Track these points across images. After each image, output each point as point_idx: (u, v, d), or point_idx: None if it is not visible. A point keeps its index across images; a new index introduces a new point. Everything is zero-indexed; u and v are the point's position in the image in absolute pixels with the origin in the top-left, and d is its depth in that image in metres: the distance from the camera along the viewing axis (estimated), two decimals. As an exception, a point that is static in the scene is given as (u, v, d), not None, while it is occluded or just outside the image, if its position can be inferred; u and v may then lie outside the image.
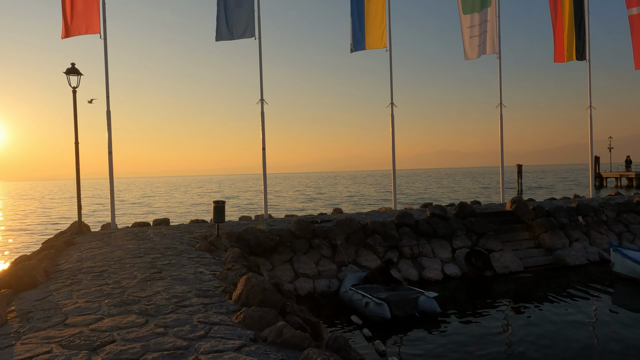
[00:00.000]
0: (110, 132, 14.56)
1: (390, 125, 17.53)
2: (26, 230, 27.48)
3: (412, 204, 32.42)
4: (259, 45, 16.10)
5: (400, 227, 14.42)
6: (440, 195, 49.03)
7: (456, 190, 57.12)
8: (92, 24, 14.60)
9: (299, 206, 39.29)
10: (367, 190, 63.94)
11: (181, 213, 36.93)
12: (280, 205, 40.91)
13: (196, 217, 31.62)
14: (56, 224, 32.32)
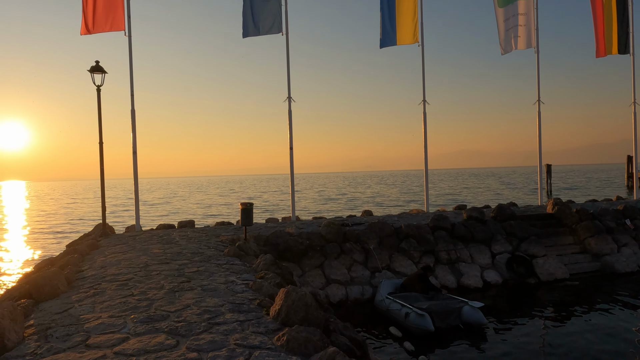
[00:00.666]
0: (134, 131, 14.18)
1: (423, 123, 16.78)
2: (51, 232, 27.51)
3: (443, 205, 31.49)
4: (286, 41, 15.54)
5: (435, 230, 13.67)
6: (467, 196, 47.78)
7: (482, 191, 55.72)
8: (116, 21, 14.24)
9: (321, 208, 38.66)
10: (389, 191, 62.96)
11: (205, 214, 36.70)
12: (303, 207, 40.36)
13: (220, 218, 31.31)
14: (81, 225, 32.40)
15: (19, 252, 20.16)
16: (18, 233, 27.44)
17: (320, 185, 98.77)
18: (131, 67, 14.22)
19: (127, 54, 14.22)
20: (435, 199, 44.42)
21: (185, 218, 31.81)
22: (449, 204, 35.96)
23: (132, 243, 11.10)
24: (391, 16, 17.10)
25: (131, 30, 14.28)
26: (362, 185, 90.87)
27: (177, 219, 31.71)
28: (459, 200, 41.40)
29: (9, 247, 21.51)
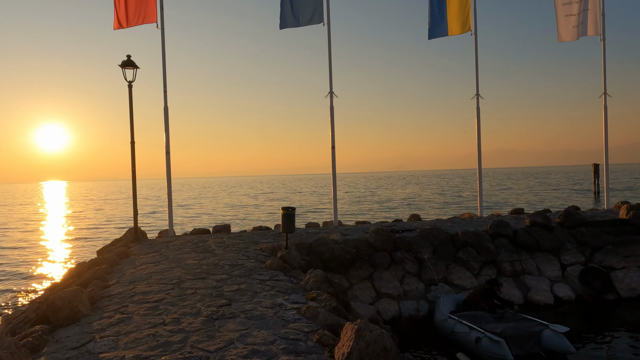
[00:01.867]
0: (167, 130, 13.32)
1: (476, 118, 15.34)
2: (84, 236, 27.22)
3: (494, 208, 29.65)
4: (328, 32, 14.41)
5: (495, 238, 12.25)
6: (511, 198, 45.52)
7: (524, 192, 53.18)
8: (149, 12, 13.43)
9: (356, 209, 37.37)
10: (424, 192, 61.03)
11: (238, 216, 35.97)
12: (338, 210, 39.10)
13: (252, 220, 30.48)
14: (115, 225, 32.15)
15: (50, 258, 19.70)
16: (52, 236, 27.29)
17: (351, 185, 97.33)
18: (164, 61, 13.38)
19: (159, 47, 13.37)
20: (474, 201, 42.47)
21: (220, 221, 31.16)
22: (493, 206, 34.09)
23: (164, 251, 10.17)
24: (441, 4, 15.74)
25: (164, 22, 13.43)
26: (393, 185, 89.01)
27: (211, 222, 31.07)
28: (501, 203, 39.36)
29: (40, 252, 21.13)
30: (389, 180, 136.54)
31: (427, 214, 30.91)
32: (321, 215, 33.27)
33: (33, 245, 23.59)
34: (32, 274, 16.25)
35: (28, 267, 17.62)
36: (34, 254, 20.66)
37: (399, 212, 32.50)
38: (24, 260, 19.21)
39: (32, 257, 19.84)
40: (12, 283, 14.88)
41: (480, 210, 15.53)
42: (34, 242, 24.83)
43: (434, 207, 36.23)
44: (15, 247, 22.83)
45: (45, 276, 15.67)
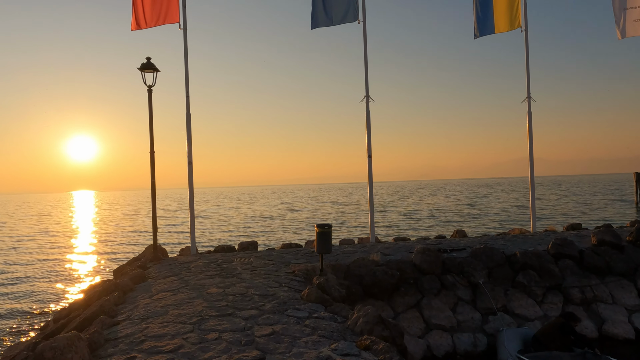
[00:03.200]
0: (190, 138, 12.25)
1: (527, 123, 13.85)
2: (105, 249, 26.41)
3: (548, 221, 27.62)
4: (363, 30, 13.19)
5: (559, 259, 10.71)
6: (546, 209, 43.27)
7: (562, 204, 50.70)
8: (170, 12, 12.46)
9: (389, 222, 35.84)
10: (453, 203, 58.93)
11: (265, 230, 34.83)
12: (360, 222, 37.68)
13: (278, 234, 29.30)
14: (136, 237, 31.42)
15: (67, 274, 18.75)
16: (74, 249, 26.61)
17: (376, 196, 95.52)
18: (186, 64, 12.35)
19: (181, 49, 12.36)
20: (506, 213, 40.48)
21: (244, 234, 30.09)
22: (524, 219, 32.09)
23: (185, 274, 9.00)
24: (487, 2, 14.38)
25: (186, 22, 12.44)
26: (420, 195, 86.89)
27: (235, 234, 30.02)
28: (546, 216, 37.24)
29: (58, 267, 20.18)
30: (415, 189, 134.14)
31: (467, 227, 29.24)
32: (350, 228, 31.87)
33: (53, 258, 22.88)
34: (46, 291, 15.34)
35: (43, 283, 16.75)
36: (53, 267, 19.88)
37: (434, 225, 30.89)
38: (41, 275, 18.41)
39: (50, 272, 19.04)
40: (22, 303, 13.93)
41: (534, 225, 13.95)
42: (54, 254, 24.16)
43: (470, 220, 34.44)
44: (33, 261, 22.14)
45: (58, 295, 14.63)
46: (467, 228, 28.22)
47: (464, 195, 76.67)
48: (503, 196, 68.48)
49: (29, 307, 13.38)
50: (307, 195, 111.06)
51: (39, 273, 18.95)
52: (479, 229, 27.51)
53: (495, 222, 31.01)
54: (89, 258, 22.55)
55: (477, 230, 26.84)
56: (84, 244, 28.28)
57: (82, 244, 28.62)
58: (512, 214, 37.29)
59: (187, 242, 14.75)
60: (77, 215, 62.69)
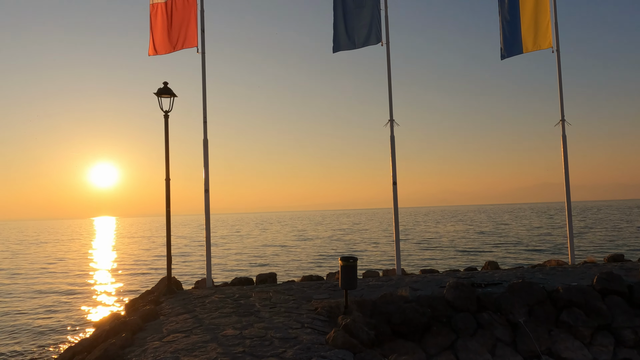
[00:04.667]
0: (207, 165, 11.78)
1: (562, 146, 13.07)
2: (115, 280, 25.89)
3: (580, 251, 26.19)
4: (386, 52, 12.71)
5: (605, 295, 9.77)
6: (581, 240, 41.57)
7: (596, 231, 48.86)
8: (189, 36, 12.20)
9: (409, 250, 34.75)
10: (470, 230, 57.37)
11: (283, 260, 34.07)
12: (385, 254, 36.66)
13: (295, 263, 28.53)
14: (152, 265, 30.96)
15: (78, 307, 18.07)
16: (88, 278, 26.18)
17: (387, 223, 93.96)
18: (204, 89, 11.99)
19: (199, 73, 12.02)
20: (533, 243, 39.01)
21: (261, 263, 29.38)
22: (555, 249, 30.75)
23: (199, 312, 8.35)
24: (514, 20, 13.86)
25: (205, 46, 12.14)
26: (441, 222, 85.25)
27: (252, 263, 29.34)
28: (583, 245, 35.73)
29: (62, 302, 19.40)
30: (433, 215, 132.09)
31: (490, 256, 28.09)
32: (371, 257, 30.94)
33: (66, 287, 22.45)
34: (51, 326, 14.73)
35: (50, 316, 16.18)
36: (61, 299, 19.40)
37: (458, 255, 29.76)
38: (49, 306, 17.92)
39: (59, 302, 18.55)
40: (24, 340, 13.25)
41: (572, 256, 13.00)
42: (69, 283, 23.77)
43: (494, 250, 33.18)
44: (45, 292, 21.74)
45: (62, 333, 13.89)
46: (490, 257, 27.07)
47: (485, 222, 74.89)
48: (528, 223, 66.64)
49: (28, 346, 12.59)
50: (328, 221, 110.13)
51: (46, 304, 18.47)
52: (505, 258, 26.34)
53: (524, 252, 29.72)
54: (101, 288, 22.04)
55: (502, 259, 25.70)
56: (97, 273, 27.88)
57: (96, 273, 28.22)
58: (541, 243, 35.88)
59: (202, 273, 14.15)
60: (93, 242, 62.81)
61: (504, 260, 25.14)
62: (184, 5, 12.44)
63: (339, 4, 13.27)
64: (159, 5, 12.59)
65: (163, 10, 12.41)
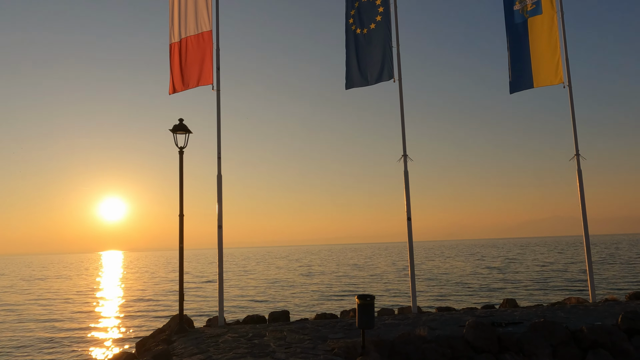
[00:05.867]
0: (220, 200, 11.77)
1: (577, 181, 12.93)
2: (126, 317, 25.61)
3: (604, 287, 25.46)
4: (399, 89, 12.83)
5: (632, 335, 9.44)
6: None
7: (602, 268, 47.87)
8: (204, 74, 12.42)
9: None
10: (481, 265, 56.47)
11: (296, 295, 33.60)
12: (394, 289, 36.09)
13: (308, 300, 28.06)
14: (161, 306, 30.59)
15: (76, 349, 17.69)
16: (91, 316, 25.84)
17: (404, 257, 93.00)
18: (219, 125, 12.11)
19: (213, 110, 12.17)
20: (548, 279, 38.30)
21: (272, 298, 28.94)
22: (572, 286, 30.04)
23: (213, 351, 8.14)
24: (524, 54, 14.00)
25: (220, 83, 12.34)
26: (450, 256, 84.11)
27: (262, 298, 28.91)
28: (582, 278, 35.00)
29: (69, 337, 19.08)
30: (445, 250, 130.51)
31: (506, 293, 27.52)
32: (384, 293, 30.39)
33: (74, 325, 22.16)
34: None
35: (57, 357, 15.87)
36: (73, 334, 19.11)
37: (472, 291, 29.17)
38: (57, 344, 17.61)
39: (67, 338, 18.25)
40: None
41: (592, 294, 12.65)
42: (77, 320, 23.47)
43: (511, 285, 32.51)
44: (52, 329, 21.45)
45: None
46: (505, 293, 26.48)
47: (496, 257, 73.75)
48: (541, 258, 65.50)
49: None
50: (337, 256, 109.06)
51: (53, 342, 18.16)
52: (521, 294, 25.74)
53: (540, 288, 29.05)
54: (111, 326, 21.72)
55: (518, 295, 25.10)
56: (106, 310, 27.56)
57: (104, 309, 27.90)
58: (556, 279, 35.11)
59: (214, 309, 13.90)
60: (102, 277, 62.45)
61: (520, 296, 24.56)
62: (200, 44, 12.72)
63: (351, 42, 13.52)
64: (176, 44, 12.90)
65: (181, 49, 12.70)
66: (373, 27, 13.10)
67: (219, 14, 12.68)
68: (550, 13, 13.73)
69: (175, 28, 12.76)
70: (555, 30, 13.65)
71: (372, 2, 13.23)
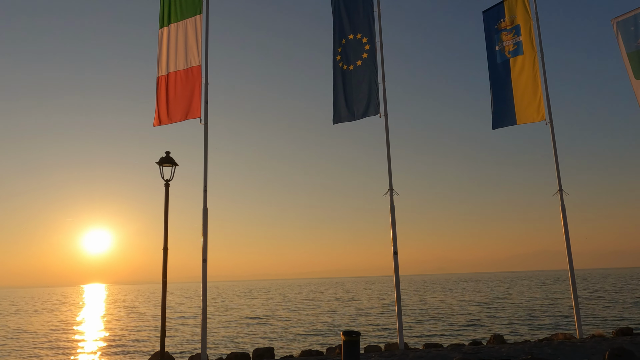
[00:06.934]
0: (205, 233, 11.66)
1: (561, 216, 13.09)
2: (102, 355, 24.83)
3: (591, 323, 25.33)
4: (385, 124, 13.05)
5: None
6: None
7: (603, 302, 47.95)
8: (193, 107, 12.52)
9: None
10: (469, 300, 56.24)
11: (279, 328, 32.99)
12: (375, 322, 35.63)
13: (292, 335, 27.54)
14: (140, 341, 29.73)
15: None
16: (65, 353, 24.98)
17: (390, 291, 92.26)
18: (206, 159, 12.13)
19: (200, 143, 12.20)
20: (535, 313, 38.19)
21: (256, 333, 28.30)
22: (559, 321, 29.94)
23: (194, 391, 7.86)
24: (506, 92, 14.41)
25: (207, 117, 12.42)
26: (431, 291, 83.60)
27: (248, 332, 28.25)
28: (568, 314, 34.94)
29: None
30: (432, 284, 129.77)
31: (493, 327, 27.32)
32: (369, 329, 29.96)
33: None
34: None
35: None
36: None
37: (459, 327, 28.89)
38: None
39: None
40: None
41: (579, 329, 12.61)
42: (48, 357, 22.62)
43: (498, 320, 32.31)
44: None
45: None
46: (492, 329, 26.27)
47: (483, 292, 73.49)
48: (528, 293, 65.40)
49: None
50: (322, 290, 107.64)
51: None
52: (507, 330, 25.54)
53: (526, 324, 28.88)
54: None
55: (505, 331, 24.90)
56: (83, 346, 26.66)
57: (81, 346, 26.99)
58: (543, 314, 34.99)
59: (197, 346, 13.54)
60: (81, 311, 60.66)
61: (507, 332, 24.35)
62: (189, 78, 12.87)
63: (338, 77, 13.79)
64: (164, 77, 13.02)
65: (168, 83, 12.81)
66: (359, 64, 13.42)
67: (208, 48, 12.89)
68: (531, 53, 14.22)
69: (163, 61, 12.91)
70: (537, 70, 14.10)
71: (358, 39, 13.59)
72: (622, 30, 15.22)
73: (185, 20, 13.05)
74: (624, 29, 15.18)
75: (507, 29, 14.69)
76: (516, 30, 14.47)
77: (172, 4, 13.21)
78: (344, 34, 13.81)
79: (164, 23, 13.24)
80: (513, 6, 14.62)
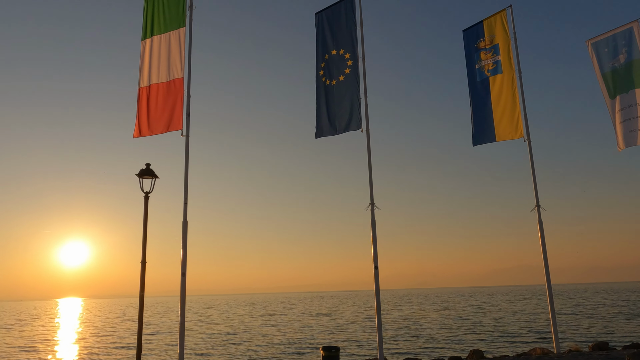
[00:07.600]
0: (185, 246, 11.51)
1: (539, 231, 13.30)
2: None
3: (568, 337, 25.67)
4: (367, 138, 13.16)
5: (595, 387, 9.50)
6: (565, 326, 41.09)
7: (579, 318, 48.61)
8: (174, 119, 12.45)
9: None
10: (449, 315, 56.52)
11: (257, 343, 32.57)
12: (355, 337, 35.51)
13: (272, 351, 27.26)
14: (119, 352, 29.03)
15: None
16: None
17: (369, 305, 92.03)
18: (186, 171, 12.04)
19: (182, 156, 12.12)
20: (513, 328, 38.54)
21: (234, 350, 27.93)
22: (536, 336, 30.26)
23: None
24: (486, 110, 14.71)
25: (189, 129, 12.36)
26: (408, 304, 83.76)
27: (227, 349, 27.84)
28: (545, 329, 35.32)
29: None
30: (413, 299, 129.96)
31: (477, 344, 27.44)
32: (348, 344, 29.81)
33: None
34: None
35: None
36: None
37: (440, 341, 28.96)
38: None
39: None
40: None
41: (557, 344, 12.75)
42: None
43: (477, 335, 32.47)
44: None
45: None
46: (471, 344, 26.39)
47: (463, 306, 73.89)
48: (507, 307, 65.96)
49: None
50: (307, 304, 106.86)
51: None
52: (487, 345, 25.68)
53: (505, 338, 29.12)
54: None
55: (484, 346, 25.04)
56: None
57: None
58: (522, 329, 35.31)
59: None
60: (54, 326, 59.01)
61: (486, 347, 24.48)
62: (171, 90, 12.83)
63: (321, 92, 13.91)
64: (145, 89, 12.95)
65: (150, 94, 12.74)
66: (342, 79, 13.56)
67: (191, 61, 12.88)
68: (509, 72, 14.58)
69: (145, 73, 12.86)
70: (515, 88, 14.44)
71: (341, 55, 13.75)
72: (597, 52, 15.72)
73: (169, 33, 13.05)
74: (598, 50, 15.69)
75: (487, 48, 15.05)
76: (495, 50, 14.84)
77: (155, 15, 13.22)
78: (327, 49, 13.98)
79: (147, 35, 13.22)
80: (492, 26, 15.00)
